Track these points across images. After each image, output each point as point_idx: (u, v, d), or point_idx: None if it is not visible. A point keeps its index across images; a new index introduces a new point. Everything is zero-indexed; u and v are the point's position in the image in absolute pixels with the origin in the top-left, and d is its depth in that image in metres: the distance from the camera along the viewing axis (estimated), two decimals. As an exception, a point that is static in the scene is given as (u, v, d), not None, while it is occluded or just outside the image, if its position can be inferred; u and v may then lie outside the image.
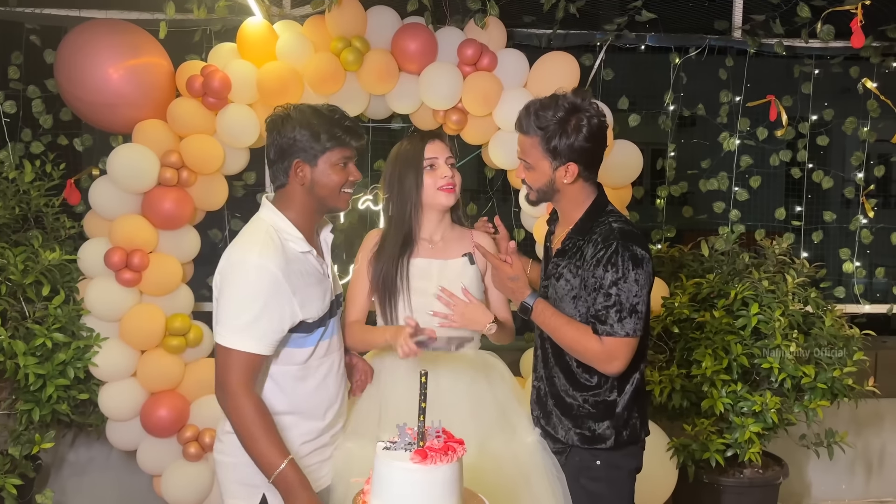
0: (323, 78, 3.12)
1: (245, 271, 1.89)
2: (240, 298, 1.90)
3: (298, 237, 1.99)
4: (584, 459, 2.13)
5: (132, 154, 3.08)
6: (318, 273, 2.04)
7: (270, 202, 2.04)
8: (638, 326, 2.02)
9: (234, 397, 1.89)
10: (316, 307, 2.00)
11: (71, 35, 3.11)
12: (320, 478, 2.08)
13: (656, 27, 3.72)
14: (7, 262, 3.03)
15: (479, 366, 2.29)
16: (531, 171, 2.12)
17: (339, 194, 2.02)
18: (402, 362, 2.16)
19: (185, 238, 3.23)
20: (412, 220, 2.28)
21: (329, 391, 2.10)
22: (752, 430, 3.15)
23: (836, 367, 3.17)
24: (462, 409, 2.16)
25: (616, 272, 1.99)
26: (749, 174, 3.96)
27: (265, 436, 1.88)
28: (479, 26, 3.25)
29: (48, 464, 3.61)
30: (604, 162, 3.20)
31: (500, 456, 2.12)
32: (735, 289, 3.26)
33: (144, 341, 3.13)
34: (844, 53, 3.83)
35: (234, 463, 2.01)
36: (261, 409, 1.91)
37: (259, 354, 1.91)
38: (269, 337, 1.92)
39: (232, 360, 1.90)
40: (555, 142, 2.04)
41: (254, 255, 1.90)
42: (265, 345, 1.92)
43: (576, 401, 2.13)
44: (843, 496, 4.06)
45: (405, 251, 2.28)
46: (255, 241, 1.94)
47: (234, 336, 1.89)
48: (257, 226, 2.00)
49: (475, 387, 2.24)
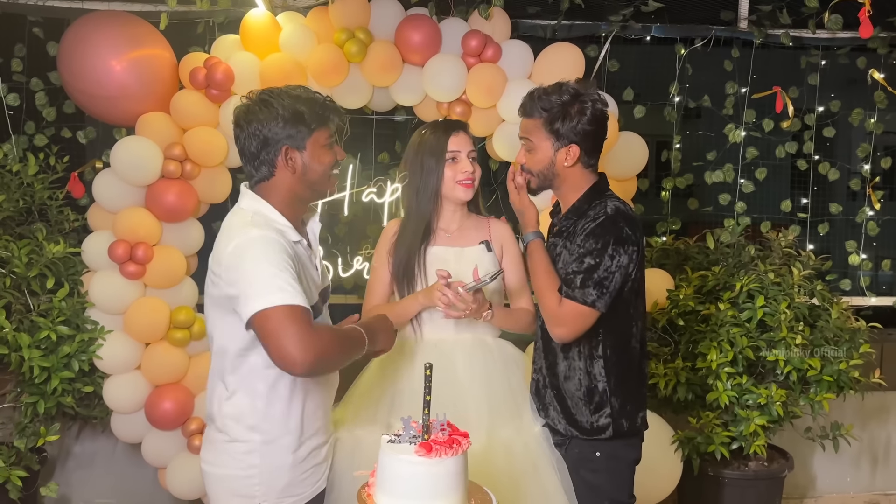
0: (326, 70, 3.11)
1: (257, 243, 1.77)
2: (266, 264, 1.74)
3: (288, 226, 1.88)
4: (583, 451, 2.14)
5: (135, 147, 3.07)
6: (306, 260, 1.94)
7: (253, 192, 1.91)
8: (599, 301, 2.02)
9: (309, 345, 1.67)
10: (310, 294, 1.88)
11: (73, 27, 3.10)
12: (316, 481, 1.98)
13: (662, 18, 3.69)
14: (11, 254, 3.03)
15: (496, 353, 2.30)
16: (532, 153, 2.15)
17: (329, 177, 1.93)
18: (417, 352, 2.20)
19: (188, 231, 3.23)
20: (431, 209, 2.30)
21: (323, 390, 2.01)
22: (757, 423, 3.14)
23: (842, 359, 3.16)
24: (476, 396, 2.17)
25: (595, 243, 2.02)
26: (755, 166, 3.94)
27: (348, 344, 1.83)
28: (484, 17, 3.23)
29: (53, 456, 3.62)
30: (609, 153, 3.19)
31: (510, 443, 2.13)
32: (740, 281, 3.25)
33: (148, 334, 3.13)
34: (851, 44, 3.80)
35: (226, 475, 1.91)
36: (334, 334, 1.80)
37: (305, 306, 1.72)
38: (303, 293, 1.75)
39: (284, 316, 1.68)
40: (557, 123, 2.08)
41: (255, 231, 1.80)
42: (305, 299, 1.74)
43: (570, 391, 2.14)
44: (848, 489, 4.05)
45: (424, 240, 2.29)
46: (247, 223, 1.83)
47: (277, 294, 1.69)
48: (240, 214, 1.89)
49: (490, 373, 2.25)
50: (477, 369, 2.23)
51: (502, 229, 2.40)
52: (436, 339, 2.27)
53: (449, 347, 2.23)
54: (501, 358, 2.30)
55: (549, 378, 2.19)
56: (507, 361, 2.31)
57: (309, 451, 1.95)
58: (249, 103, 1.88)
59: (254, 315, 1.70)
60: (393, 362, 2.28)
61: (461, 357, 2.23)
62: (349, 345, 1.83)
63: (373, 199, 3.51)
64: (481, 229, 2.37)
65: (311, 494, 1.97)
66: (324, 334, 1.73)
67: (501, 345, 2.35)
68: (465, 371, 2.21)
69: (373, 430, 2.12)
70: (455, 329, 2.27)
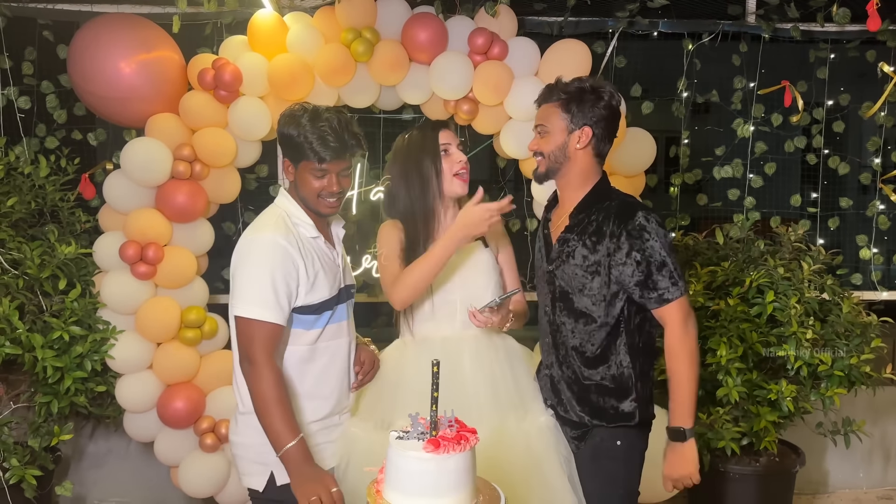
0: (333, 69, 3.12)
1: (259, 246, 2.01)
2: (256, 271, 1.99)
3: (309, 223, 2.10)
4: (604, 439, 2.16)
5: (145, 148, 3.10)
6: (328, 258, 2.13)
7: (286, 190, 2.15)
8: (685, 284, 2.13)
9: (257, 366, 1.96)
10: (325, 289, 2.08)
11: (83, 30, 3.12)
12: (325, 458, 2.12)
13: (669, 13, 3.68)
14: (24, 256, 3.06)
15: (500, 349, 2.32)
16: (546, 136, 2.18)
17: (318, 199, 2.09)
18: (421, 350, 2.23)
19: (198, 231, 3.25)
20: (436, 208, 2.29)
21: (336, 373, 2.16)
22: (767, 419, 3.13)
23: (854, 354, 3.14)
24: (482, 392, 2.18)
25: (651, 244, 2.07)
26: (764, 161, 3.92)
27: (279, 409, 1.95)
28: (490, 14, 3.23)
29: (67, 455, 3.65)
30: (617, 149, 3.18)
31: (515, 439, 2.14)
32: (750, 276, 3.24)
33: (160, 334, 3.16)
34: (860, 37, 3.78)
35: (247, 443, 2.10)
36: (279, 381, 1.98)
37: (278, 324, 1.99)
38: (285, 308, 2.01)
39: (254, 330, 1.98)
40: (573, 105, 2.14)
41: (266, 232, 2.03)
42: (283, 315, 2.00)
43: (592, 380, 2.15)
44: (860, 484, 4.03)
45: (432, 237, 2.29)
46: (268, 223, 2.06)
47: (253, 307, 1.98)
48: (272, 210, 2.13)
49: (495, 369, 2.26)
50: (483, 365, 2.24)
51: (498, 227, 2.42)
52: (440, 337, 2.27)
53: (454, 345, 2.24)
54: (506, 353, 2.32)
55: (564, 371, 2.19)
56: (511, 356, 2.32)
57: (318, 426, 2.11)
58: (286, 110, 2.09)
59: (236, 316, 2.01)
60: (394, 360, 2.29)
61: (467, 354, 2.24)
62: (276, 413, 1.95)
63: (381, 197, 3.52)
64: None
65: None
66: (272, 374, 1.96)
67: (505, 340, 2.37)
68: (472, 367, 2.22)
69: (368, 429, 2.16)
70: (460, 327, 2.28)
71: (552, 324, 2.21)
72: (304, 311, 2.06)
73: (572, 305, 2.15)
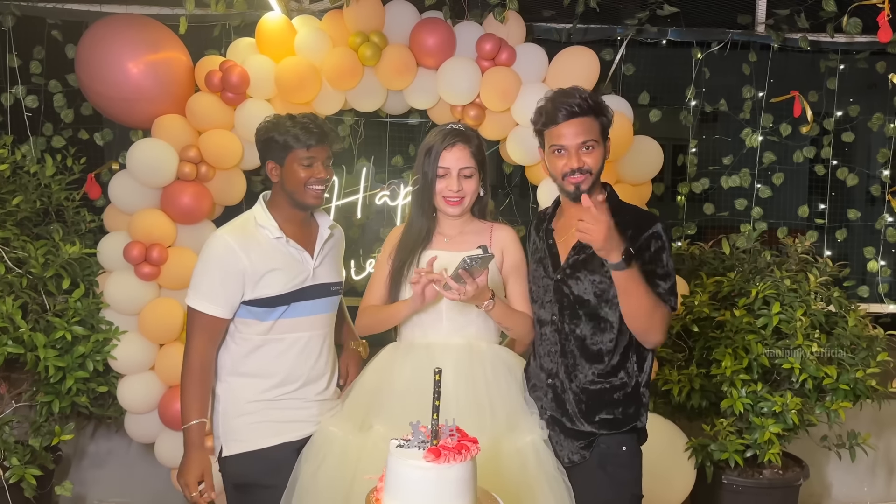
0: (341, 73, 3.12)
1: (209, 244, 2.20)
2: (204, 266, 2.19)
3: (273, 226, 2.23)
4: (610, 446, 2.16)
5: (151, 149, 3.10)
6: (290, 258, 2.23)
7: (263, 199, 2.31)
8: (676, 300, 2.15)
9: (190, 348, 2.20)
10: (278, 286, 2.19)
11: (91, 30, 3.13)
12: (263, 435, 2.22)
13: (678, 21, 3.67)
14: (28, 255, 3.06)
15: (487, 359, 2.25)
16: (593, 151, 2.13)
17: (306, 189, 2.20)
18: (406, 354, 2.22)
19: (203, 232, 3.23)
20: (429, 214, 2.30)
21: (288, 362, 2.24)
22: (772, 431, 3.11)
23: (859, 367, 3.12)
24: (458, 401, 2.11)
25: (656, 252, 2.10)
26: (772, 171, 3.90)
27: (195, 389, 2.19)
28: (498, 20, 3.22)
29: (68, 455, 3.65)
30: (624, 157, 3.16)
31: (505, 453, 2.09)
32: (756, 287, 3.22)
33: (163, 335, 3.15)
34: (871, 48, 3.77)
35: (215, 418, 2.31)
36: (204, 366, 2.20)
37: (217, 317, 2.18)
38: (227, 302, 2.18)
39: (194, 318, 2.19)
40: (603, 118, 2.14)
41: (220, 232, 2.23)
42: (224, 309, 2.18)
43: (604, 388, 2.15)
44: (864, 498, 4.00)
45: (423, 244, 2.29)
46: (229, 225, 2.27)
47: (197, 299, 2.18)
48: (241, 215, 2.31)
49: (478, 380, 2.19)
50: (462, 375, 2.16)
51: (505, 234, 2.32)
52: (425, 343, 2.24)
53: (438, 352, 2.18)
54: (492, 364, 2.23)
55: (568, 381, 2.18)
56: (498, 368, 2.23)
57: (255, 406, 2.23)
58: (260, 123, 2.25)
59: (187, 306, 2.21)
60: (382, 363, 2.28)
61: (449, 362, 2.16)
62: (190, 392, 2.20)
63: (386, 202, 3.52)
64: (482, 234, 2.31)
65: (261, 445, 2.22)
66: (197, 360, 2.19)
67: (496, 351, 2.28)
68: (454, 378, 2.13)
69: (348, 430, 2.15)
70: (446, 333, 2.24)
71: (560, 332, 2.19)
72: (255, 304, 2.19)
73: (589, 312, 2.15)
